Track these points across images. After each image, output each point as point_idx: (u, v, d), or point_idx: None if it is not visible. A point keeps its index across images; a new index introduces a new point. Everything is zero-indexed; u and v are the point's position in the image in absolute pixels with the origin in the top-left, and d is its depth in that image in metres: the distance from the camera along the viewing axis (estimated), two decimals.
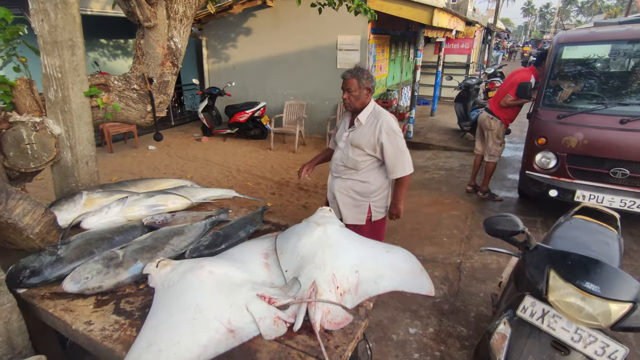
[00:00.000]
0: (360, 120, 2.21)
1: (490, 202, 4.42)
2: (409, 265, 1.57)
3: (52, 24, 1.97)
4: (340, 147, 2.34)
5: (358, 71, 2.16)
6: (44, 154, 2.14)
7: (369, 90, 2.18)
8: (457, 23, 7.60)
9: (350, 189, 2.33)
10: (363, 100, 2.18)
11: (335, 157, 2.39)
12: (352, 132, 2.25)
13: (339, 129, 2.43)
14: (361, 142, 2.20)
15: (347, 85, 2.16)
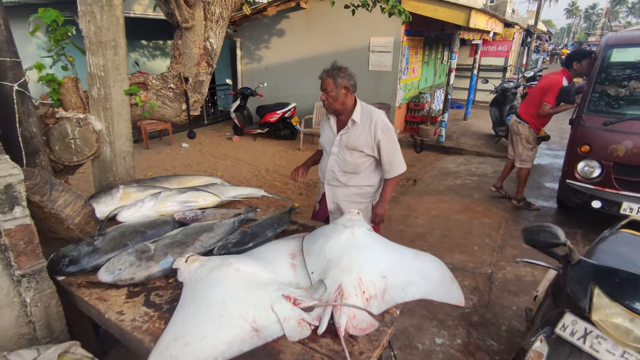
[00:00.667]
0: (355, 120, 2.11)
1: (526, 212, 4.22)
2: (438, 273, 1.52)
3: (97, 25, 2.07)
4: (333, 152, 2.21)
5: (333, 70, 2.05)
6: (86, 148, 2.25)
7: (347, 89, 2.06)
8: (495, 24, 7.34)
9: (355, 195, 2.27)
10: (342, 100, 2.07)
11: (330, 164, 2.23)
12: (346, 134, 2.14)
13: (325, 135, 2.29)
14: (358, 143, 2.11)
15: (323, 85, 2.07)
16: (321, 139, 2.35)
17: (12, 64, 1.66)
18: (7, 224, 1.27)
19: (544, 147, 6.76)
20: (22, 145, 1.74)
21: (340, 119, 2.19)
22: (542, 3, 19.23)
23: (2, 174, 1.23)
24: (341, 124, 2.19)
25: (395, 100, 6.75)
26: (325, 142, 2.28)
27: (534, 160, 4.43)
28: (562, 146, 6.83)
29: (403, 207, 4.37)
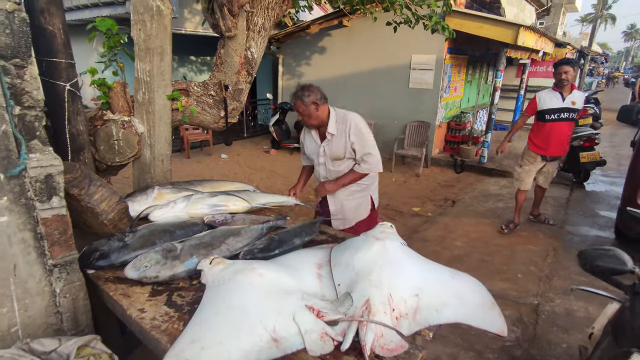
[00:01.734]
0: (331, 133, 2.23)
1: (579, 240, 3.86)
2: (478, 297, 1.38)
3: (147, 32, 2.17)
4: (320, 162, 2.35)
5: (298, 91, 2.19)
6: (128, 150, 2.33)
7: (316, 104, 2.17)
8: (545, 44, 7.02)
9: (354, 192, 2.39)
10: (315, 115, 2.18)
11: (320, 173, 2.39)
12: (328, 146, 2.28)
13: (308, 144, 2.42)
14: (339, 151, 2.25)
15: (295, 108, 2.22)
16: (306, 150, 2.47)
17: (67, 65, 1.76)
18: (44, 212, 1.31)
19: (599, 173, 6.25)
20: (68, 142, 1.83)
21: (321, 131, 2.31)
22: (598, 25, 18.29)
23: (44, 164, 1.28)
24: (322, 135, 2.32)
25: (435, 118, 6.58)
26: (311, 154, 2.41)
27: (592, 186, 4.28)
28: (619, 172, 6.29)
29: (440, 227, 4.16)
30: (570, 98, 3.57)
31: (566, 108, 3.59)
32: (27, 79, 1.28)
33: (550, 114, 3.63)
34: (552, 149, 3.74)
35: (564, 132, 3.69)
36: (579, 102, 3.61)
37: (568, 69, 3.48)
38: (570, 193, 5.38)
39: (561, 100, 3.58)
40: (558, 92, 3.60)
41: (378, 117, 7.08)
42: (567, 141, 3.79)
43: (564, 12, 18.47)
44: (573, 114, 3.62)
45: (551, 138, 3.69)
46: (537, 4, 9.98)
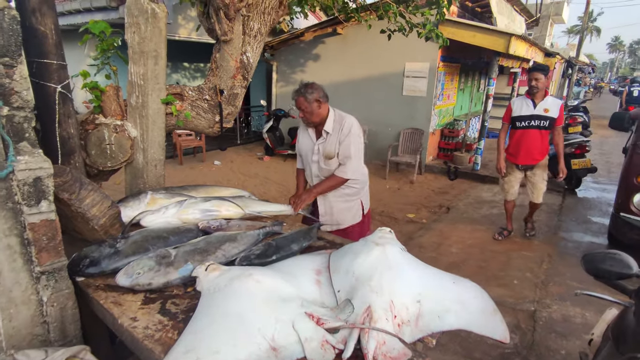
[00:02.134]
0: (327, 131, 2.26)
1: (573, 246, 3.88)
2: (480, 303, 1.35)
3: (141, 35, 2.14)
4: (313, 159, 2.35)
5: (302, 88, 2.21)
6: (120, 154, 2.28)
7: (318, 102, 2.20)
8: (535, 53, 7.15)
9: (344, 195, 2.38)
10: (317, 112, 2.22)
11: (314, 172, 2.38)
12: (323, 144, 2.29)
13: (303, 143, 2.41)
14: (332, 150, 2.27)
15: (297, 105, 2.23)
16: (300, 147, 2.45)
17: (58, 67, 1.72)
18: (32, 217, 1.25)
19: (590, 180, 6.33)
20: (59, 145, 1.77)
21: (318, 129, 2.33)
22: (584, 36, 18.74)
23: (33, 167, 1.23)
24: (319, 133, 2.33)
25: (428, 125, 6.62)
26: (306, 151, 2.39)
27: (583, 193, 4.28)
28: (609, 179, 6.38)
29: (435, 234, 4.15)
30: (542, 105, 3.46)
31: (537, 115, 3.48)
32: (16, 79, 1.24)
33: (521, 121, 3.55)
34: (522, 157, 3.63)
35: (534, 140, 3.54)
36: (553, 109, 3.46)
37: (539, 75, 3.36)
38: (562, 200, 5.43)
39: (532, 107, 3.49)
40: (530, 99, 3.51)
41: (372, 124, 7.10)
42: (540, 150, 3.59)
43: (551, 23, 18.89)
44: (545, 121, 3.47)
45: (520, 146, 3.59)
46: (527, 14, 10.19)
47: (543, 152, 3.62)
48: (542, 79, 3.35)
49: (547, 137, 3.56)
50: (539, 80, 3.35)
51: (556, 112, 3.45)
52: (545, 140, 3.56)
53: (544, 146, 3.59)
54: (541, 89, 3.40)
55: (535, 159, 3.60)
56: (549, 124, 3.47)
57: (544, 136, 3.55)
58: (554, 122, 3.46)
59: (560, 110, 3.45)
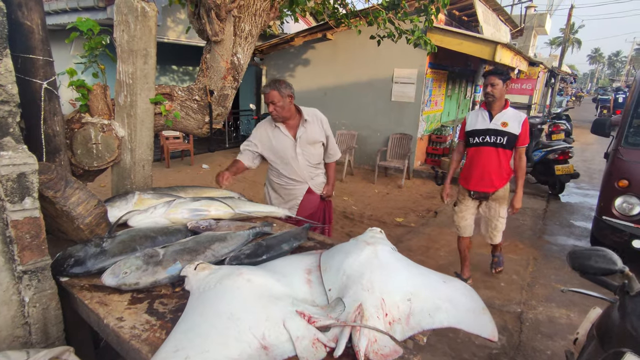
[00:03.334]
0: (308, 120, 2.42)
1: (557, 249, 3.96)
2: (469, 301, 1.36)
3: (131, 34, 2.12)
4: (298, 152, 2.44)
5: (276, 82, 2.31)
6: (107, 154, 2.24)
7: (291, 97, 2.35)
8: (519, 62, 7.33)
9: (321, 183, 2.61)
10: (288, 107, 2.35)
11: (301, 164, 2.47)
12: (305, 133, 2.42)
13: (279, 142, 2.45)
14: (316, 136, 2.46)
15: (269, 98, 2.31)
16: (274, 148, 2.46)
17: (44, 63, 1.68)
18: (15, 214, 1.22)
19: (572, 186, 6.49)
20: (44, 143, 1.73)
21: (289, 124, 2.44)
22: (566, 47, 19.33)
23: (17, 162, 1.20)
24: (292, 127, 2.44)
25: (417, 131, 6.70)
26: (285, 149, 2.44)
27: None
28: (591, 185, 6.55)
29: (424, 238, 4.18)
30: (500, 118, 2.74)
31: (492, 130, 2.76)
32: (1, 72, 1.22)
33: (474, 136, 2.83)
34: (474, 182, 2.87)
35: (489, 161, 2.78)
36: (513, 124, 2.72)
37: (495, 80, 2.66)
38: (546, 204, 5.55)
39: (488, 119, 2.78)
40: (486, 110, 2.80)
41: (361, 128, 7.15)
42: (498, 174, 2.80)
43: (534, 34, 19.44)
44: (502, 137, 2.72)
45: (472, 167, 2.87)
46: (512, 24, 10.47)
47: (502, 178, 2.82)
48: (500, 85, 2.66)
49: (508, 159, 2.80)
50: (495, 86, 2.66)
51: (517, 127, 2.71)
52: (504, 162, 2.78)
53: (503, 170, 2.80)
54: (499, 98, 2.71)
55: (491, 185, 2.83)
56: (507, 142, 2.73)
57: (503, 157, 2.77)
58: (514, 139, 2.73)
59: (524, 126, 2.71)
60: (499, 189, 2.87)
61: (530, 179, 6.36)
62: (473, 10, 7.44)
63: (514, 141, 2.75)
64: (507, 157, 2.81)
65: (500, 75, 2.69)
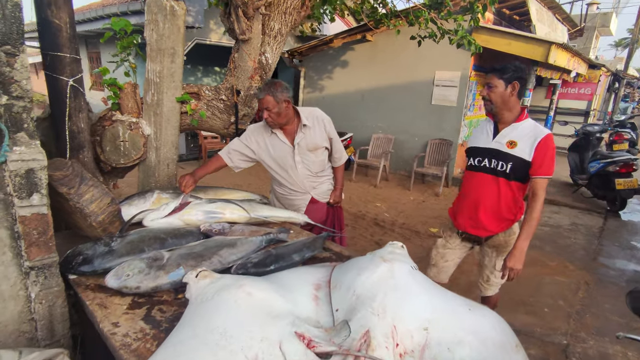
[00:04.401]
0: (304, 124, 2.15)
1: (615, 274, 3.52)
2: (499, 336, 1.18)
3: (159, 32, 2.12)
4: (297, 160, 2.19)
5: (271, 86, 2.02)
6: (133, 151, 2.27)
7: (288, 102, 2.07)
8: (577, 64, 6.73)
9: (327, 190, 2.37)
10: (285, 113, 2.07)
11: (301, 173, 2.22)
12: (303, 139, 2.17)
13: (277, 149, 2.17)
14: (317, 141, 2.20)
15: (264, 104, 2.02)
16: (272, 156, 2.20)
17: (71, 60, 1.71)
18: (23, 210, 1.22)
19: (636, 202, 5.82)
20: (67, 139, 1.76)
21: (287, 130, 2.18)
22: (634, 48, 17.64)
23: (25, 158, 1.19)
24: (289, 133, 2.18)
25: (458, 137, 6.34)
26: (283, 157, 2.20)
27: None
28: None
29: None
30: (507, 134, 1.93)
31: (494, 151, 1.95)
32: (17, 68, 1.21)
33: (472, 156, 2.07)
34: (462, 219, 2.09)
35: (484, 194, 1.99)
36: (525, 144, 1.87)
37: (494, 81, 1.89)
38: (604, 222, 5.00)
39: (491, 135, 1.99)
40: (493, 121, 2.03)
41: (398, 133, 6.90)
42: (495, 213, 1.98)
43: (597, 35, 17.93)
44: (505, 163, 1.90)
45: (463, 199, 2.11)
46: (570, 24, 9.67)
47: (500, 220, 2.00)
48: (500, 87, 1.88)
49: (515, 195, 1.95)
50: (493, 88, 1.90)
51: (529, 149, 1.85)
52: (507, 198, 1.95)
53: (504, 209, 1.97)
54: (500, 106, 1.91)
55: (482, 227, 2.03)
56: (512, 170, 1.89)
57: (506, 191, 1.95)
58: (523, 167, 1.87)
59: (541, 149, 1.83)
60: (496, 233, 2.02)
61: (585, 192, 5.79)
62: (526, 9, 6.94)
63: (524, 170, 1.87)
64: (513, 192, 1.94)
65: (503, 74, 1.88)
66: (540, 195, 1.85)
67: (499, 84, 1.88)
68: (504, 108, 1.91)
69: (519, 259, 1.84)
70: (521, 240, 1.85)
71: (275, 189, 2.37)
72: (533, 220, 1.84)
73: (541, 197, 1.85)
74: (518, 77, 1.87)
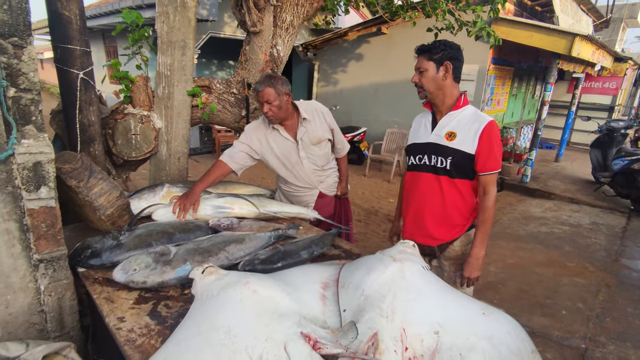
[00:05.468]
0: (304, 117, 2.07)
1: (638, 276, 3.38)
2: (515, 342, 1.12)
3: (170, 25, 2.11)
4: (302, 156, 2.11)
5: (271, 78, 1.94)
6: (145, 145, 2.27)
7: (288, 95, 2.00)
8: (602, 57, 6.45)
9: (334, 183, 2.33)
10: (285, 107, 1.99)
11: (307, 169, 2.15)
12: (306, 134, 2.09)
13: (281, 146, 2.09)
14: (319, 134, 2.13)
15: (264, 97, 1.93)
16: (275, 154, 2.11)
17: (81, 53, 1.71)
18: (31, 203, 1.22)
19: None
20: (78, 132, 1.77)
21: (287, 125, 2.09)
22: None
23: (33, 151, 1.19)
24: (290, 129, 2.10)
25: None
26: (288, 155, 2.12)
27: None
28: None
29: None
30: (445, 125, 1.68)
31: (432, 145, 1.70)
32: (24, 60, 1.21)
33: (412, 154, 1.81)
34: (408, 225, 1.84)
35: (426, 196, 1.73)
36: (466, 134, 1.61)
37: (424, 64, 1.62)
38: (627, 222, 4.81)
39: (430, 128, 1.74)
40: (431, 112, 1.77)
41: None
42: (441, 218, 1.72)
43: (624, 27, 17.20)
44: (444, 158, 1.65)
45: (407, 203, 1.86)
46: (596, 15, 9.27)
47: (449, 226, 1.74)
48: (431, 71, 1.62)
49: (463, 195, 1.69)
50: (424, 72, 1.63)
51: (471, 140, 1.60)
52: (450, 199, 1.70)
53: (451, 212, 1.71)
54: (433, 91, 1.65)
55: (428, 235, 1.76)
56: (453, 165, 1.64)
57: (451, 191, 1.69)
58: (467, 162, 1.62)
59: (485, 138, 1.58)
60: (445, 242, 1.75)
61: (607, 191, 5.58)
62: (548, 0, 6.68)
63: (468, 164, 1.62)
64: (460, 192, 1.68)
65: (432, 54, 1.60)
66: (491, 191, 1.63)
67: (429, 66, 1.62)
68: (439, 95, 1.66)
69: (476, 267, 1.66)
70: (476, 247, 1.65)
71: (281, 187, 2.29)
72: (486, 221, 1.63)
73: (492, 193, 1.63)
74: (450, 56, 1.61)
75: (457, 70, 1.66)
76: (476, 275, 1.69)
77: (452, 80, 1.65)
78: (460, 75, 1.69)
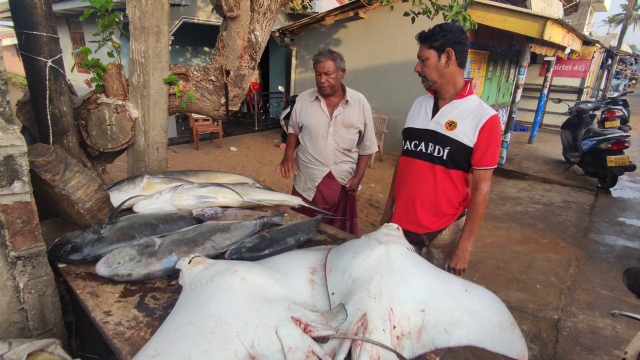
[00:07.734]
0: (349, 100, 2.30)
1: (605, 251, 3.58)
2: (495, 315, 1.18)
3: (142, 9, 2.02)
4: (330, 132, 2.31)
5: (332, 52, 2.22)
6: (121, 135, 2.20)
7: (343, 71, 2.27)
8: (572, 40, 6.65)
9: (349, 170, 2.43)
10: (339, 83, 2.26)
11: (330, 144, 2.33)
12: (341, 115, 2.29)
13: (313, 116, 2.34)
14: (353, 119, 2.30)
15: (324, 68, 2.20)
16: (308, 122, 2.36)
17: (49, 40, 1.62)
18: (4, 199, 1.16)
19: (626, 179, 5.89)
20: (50, 124, 1.69)
21: (330, 100, 2.32)
22: (627, 24, 17.49)
23: (3, 144, 1.13)
24: (331, 105, 2.32)
25: None
26: (318, 126, 2.33)
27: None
28: None
29: None
30: (447, 113, 1.63)
31: (430, 133, 1.66)
32: None
33: (408, 139, 1.78)
34: (398, 212, 1.82)
35: (419, 184, 1.71)
36: (467, 125, 1.57)
37: (425, 53, 1.59)
38: (595, 199, 5.07)
39: (430, 114, 1.70)
40: (433, 97, 1.73)
41: (393, 113, 6.84)
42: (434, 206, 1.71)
43: (591, 11, 17.73)
44: (442, 148, 1.62)
45: (398, 189, 1.83)
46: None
47: (438, 215, 1.73)
48: (432, 59, 1.58)
49: (456, 186, 1.68)
50: (425, 62, 1.60)
51: (472, 132, 1.57)
52: (443, 189, 1.68)
53: (442, 202, 1.70)
54: (436, 79, 1.60)
55: (417, 223, 1.76)
56: (449, 156, 1.62)
57: (444, 181, 1.67)
58: (465, 153, 1.60)
59: (485, 132, 1.55)
60: (434, 231, 1.75)
61: (577, 170, 5.84)
62: None
63: (465, 156, 1.60)
64: (453, 183, 1.66)
65: (432, 42, 1.55)
66: (483, 188, 1.62)
67: (430, 54, 1.56)
68: (443, 83, 1.60)
69: (463, 259, 1.67)
70: (464, 240, 1.66)
71: (299, 156, 2.50)
72: (476, 216, 1.63)
73: (484, 189, 1.62)
74: (452, 41, 1.52)
75: (461, 55, 1.57)
76: (462, 267, 1.71)
77: (456, 66, 1.58)
78: (465, 60, 1.61)
